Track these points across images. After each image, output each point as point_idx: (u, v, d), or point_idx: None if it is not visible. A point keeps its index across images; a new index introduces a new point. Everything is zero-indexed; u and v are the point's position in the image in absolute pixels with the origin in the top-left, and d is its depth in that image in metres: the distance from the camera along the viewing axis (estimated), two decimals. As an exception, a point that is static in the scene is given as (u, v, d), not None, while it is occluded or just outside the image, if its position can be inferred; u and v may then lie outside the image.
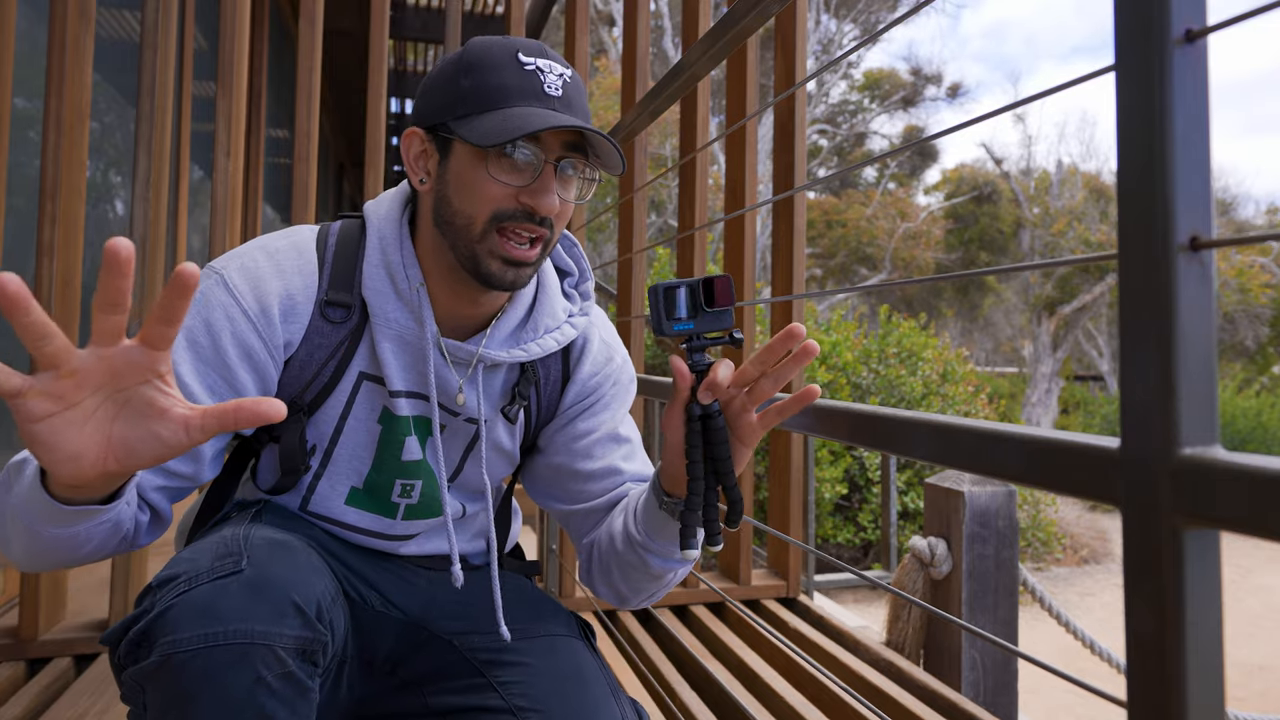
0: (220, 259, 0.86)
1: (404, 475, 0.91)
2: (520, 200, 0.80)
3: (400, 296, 0.86)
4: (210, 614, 0.66)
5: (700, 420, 0.77)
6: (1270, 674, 5.22)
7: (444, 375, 0.88)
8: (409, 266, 0.86)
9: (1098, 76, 0.50)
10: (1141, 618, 0.39)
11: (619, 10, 14.72)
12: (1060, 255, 17.02)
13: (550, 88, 0.81)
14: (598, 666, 0.92)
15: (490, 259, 0.81)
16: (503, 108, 0.79)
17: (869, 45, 13.25)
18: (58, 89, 1.82)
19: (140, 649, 0.67)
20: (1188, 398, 0.39)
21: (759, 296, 4.27)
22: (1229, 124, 63.25)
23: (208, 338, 0.81)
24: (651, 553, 0.87)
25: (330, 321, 0.86)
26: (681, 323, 0.78)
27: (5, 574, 2.10)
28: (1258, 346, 17.78)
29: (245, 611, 0.66)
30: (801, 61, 2.22)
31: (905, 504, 6.05)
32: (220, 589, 0.67)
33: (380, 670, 0.91)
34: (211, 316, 0.81)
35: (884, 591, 4.40)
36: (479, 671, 0.89)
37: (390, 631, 0.92)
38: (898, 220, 18.58)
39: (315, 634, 0.70)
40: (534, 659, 0.89)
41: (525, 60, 0.81)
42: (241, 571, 0.69)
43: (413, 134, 0.85)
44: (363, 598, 0.91)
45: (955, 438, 0.56)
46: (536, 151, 0.80)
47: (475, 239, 0.81)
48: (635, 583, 0.92)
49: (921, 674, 1.80)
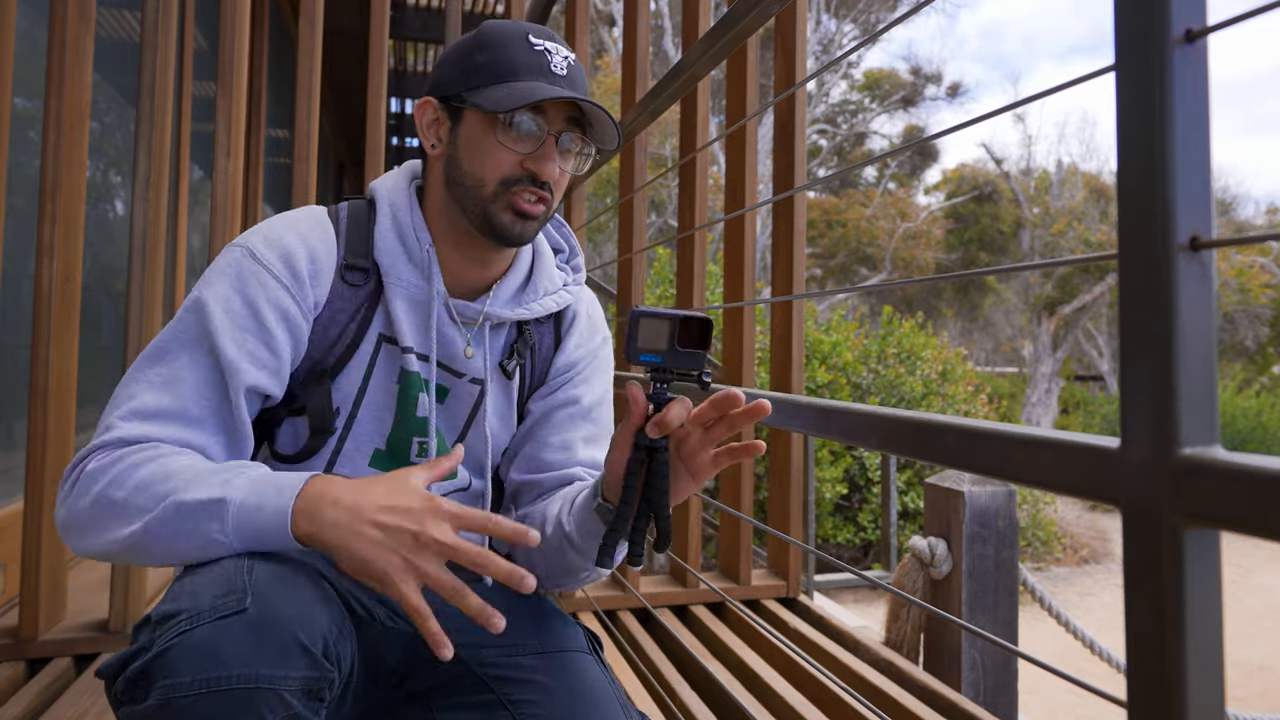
0: (240, 236, 0.90)
1: (420, 433, 0.95)
2: (525, 166, 0.88)
3: (411, 258, 0.93)
4: (212, 657, 0.63)
5: (646, 450, 0.79)
6: (1270, 674, 5.22)
7: (450, 333, 0.94)
8: (419, 230, 0.94)
9: (1098, 76, 0.50)
10: (1141, 618, 0.39)
11: (619, 10, 14.71)
12: (1060, 255, 17.02)
13: (556, 67, 0.89)
14: (608, 683, 0.91)
15: (503, 212, 0.89)
16: (511, 80, 0.87)
17: (869, 45, 13.24)
18: (58, 89, 1.82)
19: (138, 688, 0.65)
20: (1188, 398, 0.39)
21: (759, 296, 4.26)
22: (1229, 124, 63.24)
23: (245, 307, 0.85)
24: (573, 548, 0.90)
25: (350, 285, 0.92)
26: (652, 355, 0.78)
27: (5, 574, 2.10)
28: (1258, 346, 17.78)
29: (249, 655, 0.64)
30: (801, 61, 2.22)
31: (905, 504, 6.05)
32: (222, 630, 0.65)
33: (386, 683, 0.90)
34: (245, 286, 0.85)
35: (884, 591, 4.40)
36: (489, 688, 0.88)
37: (397, 644, 0.91)
38: (898, 220, 18.58)
39: (322, 673, 0.68)
40: (545, 677, 0.88)
41: (535, 42, 0.89)
42: (245, 611, 0.66)
43: (426, 103, 0.93)
44: (369, 613, 0.89)
45: (955, 437, 0.56)
46: (541, 123, 0.88)
47: (487, 199, 0.89)
48: (549, 568, 0.95)
49: (921, 674, 1.80)
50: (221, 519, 0.73)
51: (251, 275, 0.86)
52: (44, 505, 1.78)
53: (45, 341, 1.78)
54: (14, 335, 2.31)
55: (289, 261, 0.87)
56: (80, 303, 1.86)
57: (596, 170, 1.86)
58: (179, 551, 0.74)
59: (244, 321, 0.84)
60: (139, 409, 0.80)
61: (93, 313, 2.87)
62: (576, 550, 0.90)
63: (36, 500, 1.77)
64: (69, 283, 1.82)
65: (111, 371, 3.04)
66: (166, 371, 0.82)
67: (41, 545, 1.77)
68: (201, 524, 0.73)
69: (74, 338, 1.84)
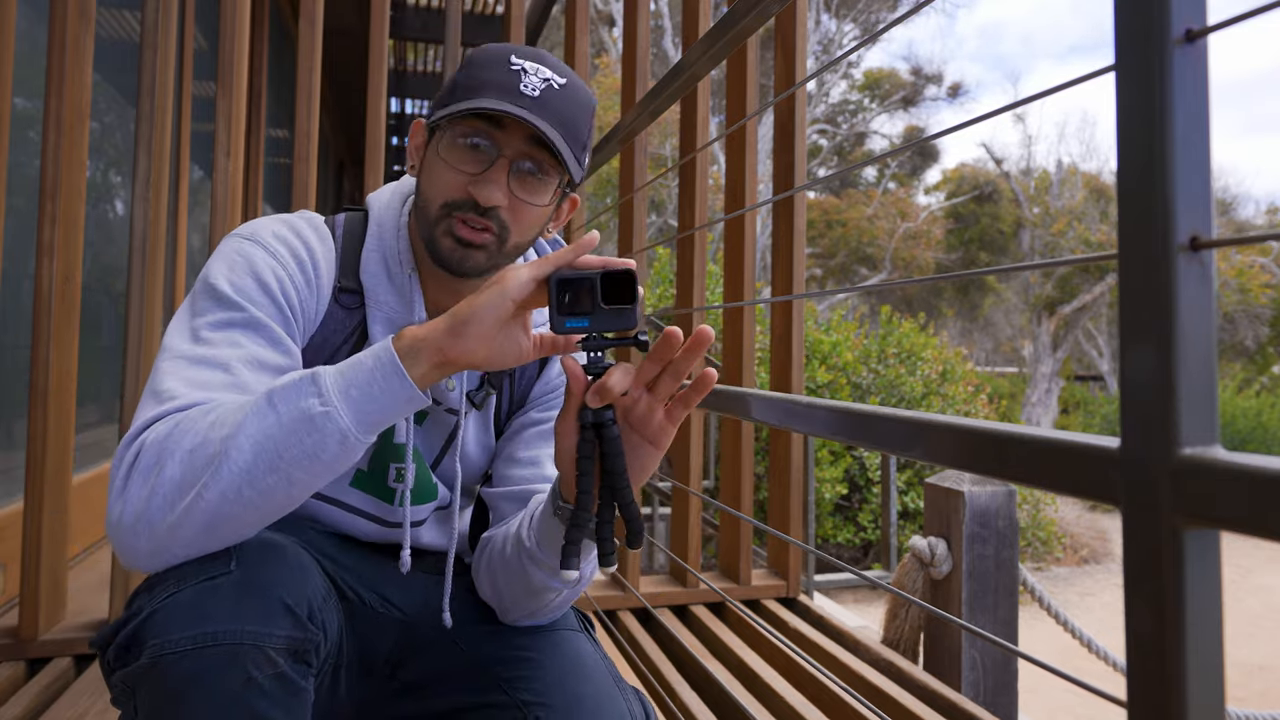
0: (244, 229, 0.86)
1: (396, 459, 0.92)
2: (468, 189, 0.81)
3: (393, 281, 0.90)
4: (199, 615, 0.65)
5: (592, 429, 0.72)
6: (1270, 674, 5.22)
7: None
8: (403, 253, 0.90)
9: (1098, 76, 0.50)
10: (1141, 618, 0.39)
11: (619, 10, 14.71)
12: (1060, 255, 17.01)
13: (527, 87, 0.81)
14: (599, 658, 0.92)
15: (444, 238, 0.83)
16: (472, 98, 0.80)
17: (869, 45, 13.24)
18: (58, 89, 1.82)
19: (130, 651, 0.66)
20: (1188, 398, 0.39)
21: (759, 296, 4.26)
22: (1229, 124, 63.23)
23: (262, 293, 0.80)
24: (535, 563, 0.83)
25: (344, 307, 0.89)
26: (576, 318, 0.71)
27: (5, 574, 2.10)
28: (1258, 346, 17.78)
29: (235, 612, 0.66)
30: (801, 61, 2.22)
31: (905, 504, 6.05)
32: (209, 590, 0.67)
33: (379, 673, 0.91)
34: (259, 271, 0.81)
35: (884, 591, 4.40)
36: (483, 669, 0.89)
37: (390, 632, 0.91)
38: (898, 220, 18.58)
39: (307, 634, 0.69)
40: (537, 653, 0.89)
41: (515, 62, 0.82)
42: (230, 572, 0.68)
43: (418, 124, 0.90)
44: (360, 598, 0.90)
45: (955, 437, 0.56)
46: (490, 145, 0.81)
47: (432, 223, 0.84)
48: (513, 594, 0.89)
49: (921, 674, 1.80)
50: (320, 388, 0.67)
51: (264, 262, 0.82)
52: (44, 505, 1.78)
53: (45, 341, 1.78)
54: (14, 335, 2.31)
55: (299, 261, 0.85)
56: (80, 303, 1.86)
57: (594, 172, 1.86)
58: (284, 457, 0.66)
59: (259, 298, 0.80)
60: (189, 380, 0.73)
61: (93, 313, 2.86)
62: (538, 565, 0.83)
63: (36, 500, 1.77)
64: (69, 283, 1.82)
65: (111, 371, 3.04)
66: (202, 351, 0.75)
67: (41, 545, 1.77)
68: (301, 399, 0.67)
69: (74, 338, 1.84)
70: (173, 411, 0.70)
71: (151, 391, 0.73)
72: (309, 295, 0.86)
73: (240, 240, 0.84)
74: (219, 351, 0.75)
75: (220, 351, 0.75)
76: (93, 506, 2.66)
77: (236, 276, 0.80)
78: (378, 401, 0.68)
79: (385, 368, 0.68)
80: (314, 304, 0.86)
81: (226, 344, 0.76)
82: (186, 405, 0.70)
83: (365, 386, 0.68)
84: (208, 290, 0.79)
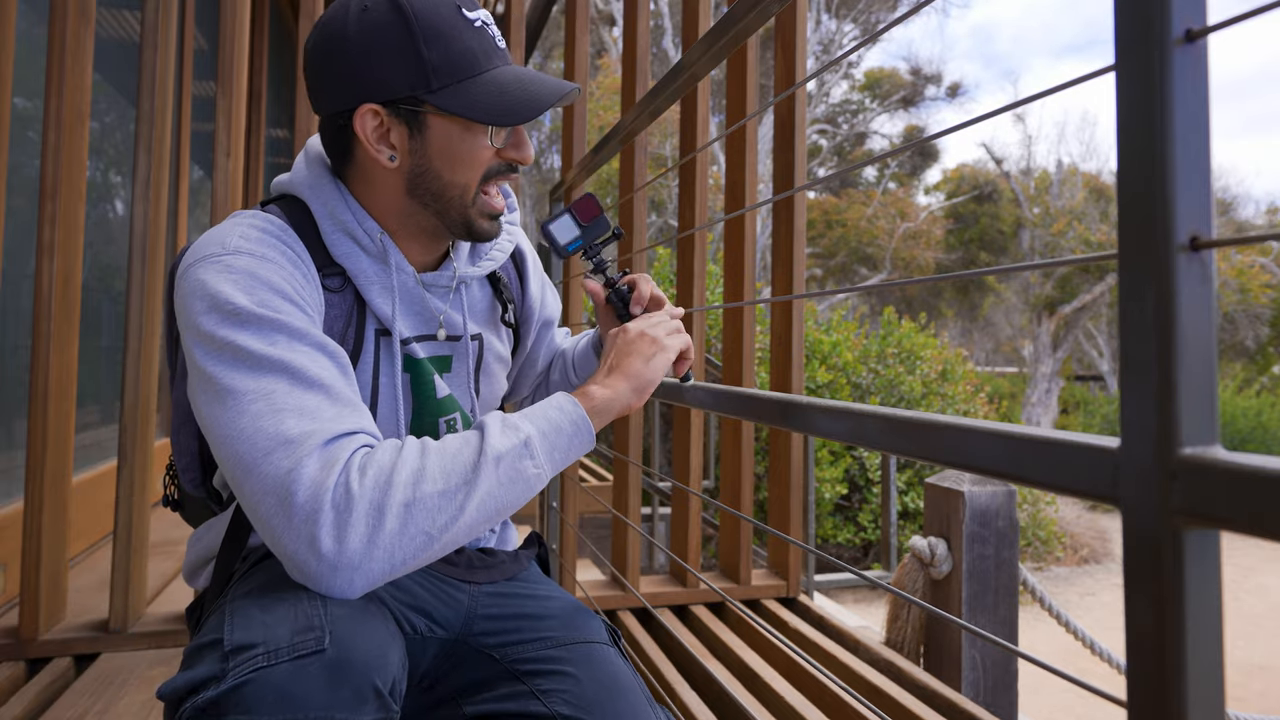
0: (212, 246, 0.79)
1: (443, 412, 0.95)
2: (505, 156, 0.88)
3: (367, 251, 0.90)
4: (289, 699, 0.63)
5: (614, 292, 1.01)
6: (1270, 674, 5.22)
7: (433, 307, 0.95)
8: (364, 222, 0.89)
9: (1098, 76, 0.50)
10: (1141, 618, 0.39)
11: (619, 10, 14.71)
12: (1060, 255, 17.02)
13: (498, 40, 0.87)
14: (632, 675, 0.92)
15: (481, 219, 0.89)
16: (478, 74, 0.83)
17: (869, 45, 13.24)
18: (58, 89, 1.82)
19: (206, 717, 0.63)
20: (1188, 398, 0.39)
21: (759, 296, 4.26)
22: (1228, 123, 63.26)
23: (283, 300, 0.77)
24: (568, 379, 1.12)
25: (333, 291, 0.89)
26: (572, 242, 1.01)
27: (5, 574, 2.10)
28: (1258, 346, 17.78)
29: (326, 699, 0.64)
30: (801, 61, 2.22)
31: (905, 504, 6.05)
32: (301, 670, 0.64)
33: (415, 688, 0.91)
34: (270, 281, 0.78)
35: (884, 591, 4.40)
36: (519, 680, 0.89)
37: (430, 652, 0.91)
38: (898, 220, 18.58)
39: (388, 714, 0.68)
40: (573, 668, 0.89)
41: (470, 16, 0.84)
42: (324, 651, 0.65)
43: (365, 111, 0.82)
44: (412, 625, 0.90)
45: (954, 437, 0.56)
46: None
47: (469, 204, 0.88)
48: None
49: (921, 674, 1.80)
50: (532, 451, 0.76)
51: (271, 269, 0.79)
52: (44, 505, 1.78)
53: (45, 341, 1.78)
54: (14, 335, 2.31)
55: (291, 259, 0.83)
56: (80, 303, 1.86)
57: (594, 172, 1.86)
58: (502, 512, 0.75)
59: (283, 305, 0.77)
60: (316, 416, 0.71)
61: (93, 313, 2.86)
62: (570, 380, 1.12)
63: (36, 500, 1.77)
64: (69, 283, 1.82)
65: (112, 371, 3.04)
66: (297, 386, 0.73)
67: (41, 545, 1.77)
68: (518, 461, 0.75)
69: (74, 338, 1.84)
70: (357, 446, 0.70)
71: (281, 440, 0.69)
72: (313, 290, 0.84)
73: (221, 260, 0.78)
74: (310, 378, 0.73)
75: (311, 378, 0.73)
76: (93, 506, 2.66)
77: (253, 293, 0.76)
78: (569, 456, 0.80)
79: (582, 434, 0.80)
80: (316, 295, 0.84)
81: (308, 365, 0.74)
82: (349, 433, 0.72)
83: (565, 450, 0.79)
84: (231, 319, 0.74)
